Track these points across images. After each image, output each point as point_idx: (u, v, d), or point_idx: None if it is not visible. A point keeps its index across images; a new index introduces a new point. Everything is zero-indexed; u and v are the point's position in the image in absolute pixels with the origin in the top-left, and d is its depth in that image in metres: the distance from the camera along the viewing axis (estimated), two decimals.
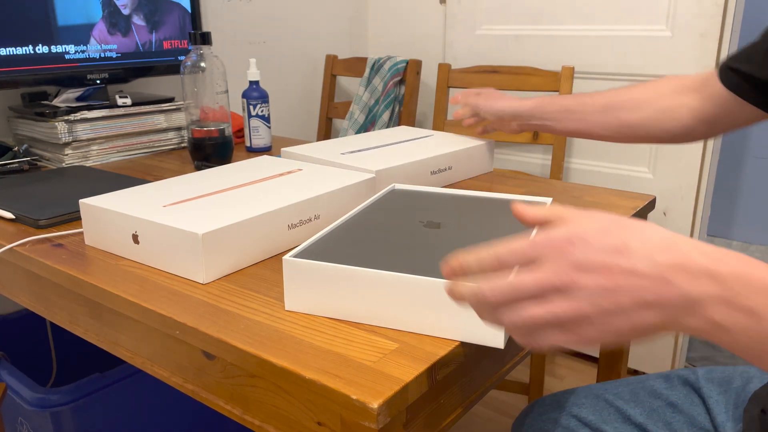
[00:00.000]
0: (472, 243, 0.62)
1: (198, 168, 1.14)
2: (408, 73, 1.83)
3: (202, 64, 1.11)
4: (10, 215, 0.85)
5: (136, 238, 0.70)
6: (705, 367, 0.80)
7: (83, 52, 1.21)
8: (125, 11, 1.26)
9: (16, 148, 1.19)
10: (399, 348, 0.52)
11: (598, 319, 0.38)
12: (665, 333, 0.40)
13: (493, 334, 0.52)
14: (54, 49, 1.17)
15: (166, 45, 1.35)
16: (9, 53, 1.11)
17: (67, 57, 1.19)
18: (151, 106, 1.27)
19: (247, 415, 0.56)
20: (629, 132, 0.90)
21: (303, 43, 1.93)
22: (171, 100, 1.31)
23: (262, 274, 0.68)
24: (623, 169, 1.72)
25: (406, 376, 0.48)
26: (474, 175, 1.10)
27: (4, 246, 0.77)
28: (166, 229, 0.67)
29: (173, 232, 0.66)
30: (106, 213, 0.73)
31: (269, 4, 1.79)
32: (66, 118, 1.14)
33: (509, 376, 1.81)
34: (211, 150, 1.15)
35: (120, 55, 1.28)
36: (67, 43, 1.19)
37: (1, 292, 0.86)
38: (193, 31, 1.10)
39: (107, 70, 1.26)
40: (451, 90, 1.77)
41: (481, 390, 0.62)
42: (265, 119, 1.30)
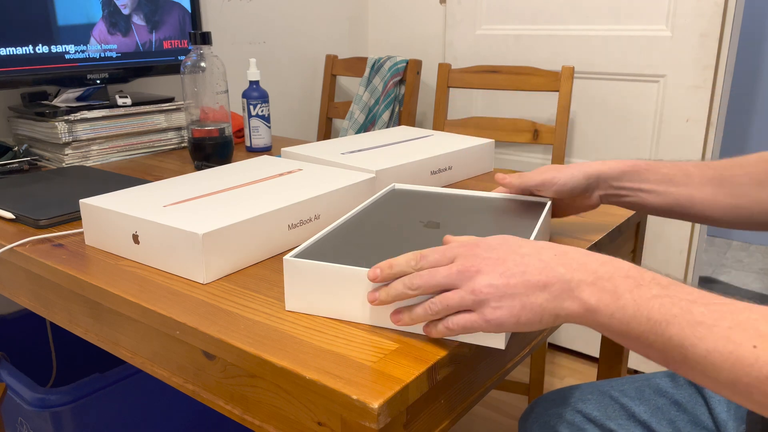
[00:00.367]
0: None
1: (198, 168, 1.14)
2: (408, 73, 1.83)
3: (202, 64, 1.11)
4: (10, 215, 0.85)
5: (136, 238, 0.70)
6: None
7: (83, 52, 1.21)
8: (125, 11, 1.26)
9: (16, 148, 1.19)
10: (399, 348, 0.52)
11: (495, 300, 0.47)
12: (554, 320, 0.47)
13: (494, 335, 0.52)
14: (54, 49, 1.17)
15: (166, 45, 1.35)
16: (9, 53, 1.11)
17: (67, 57, 1.19)
18: (151, 106, 1.27)
19: (247, 415, 0.56)
20: (745, 214, 0.71)
21: (303, 43, 1.93)
22: (171, 100, 1.31)
23: (262, 274, 0.68)
24: None
25: (406, 376, 0.48)
26: (474, 175, 1.10)
27: (4, 246, 0.77)
28: (167, 229, 0.67)
29: (173, 232, 0.66)
30: (106, 213, 0.73)
31: (269, 4, 1.79)
32: (66, 118, 1.14)
33: (509, 376, 1.81)
34: (211, 150, 1.15)
35: (120, 55, 1.28)
36: (67, 43, 1.19)
37: (1, 292, 0.86)
38: (193, 31, 1.10)
39: (107, 70, 1.26)
40: (451, 90, 1.77)
41: (481, 390, 0.62)
42: (265, 119, 1.30)
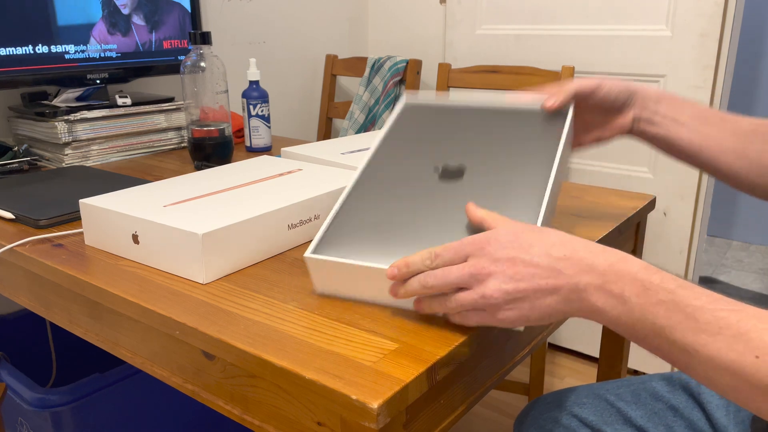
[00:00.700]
0: (493, 199, 0.61)
1: (198, 168, 1.14)
2: (408, 72, 1.83)
3: (202, 64, 1.11)
4: (10, 215, 0.85)
5: (136, 238, 0.70)
6: None
7: (83, 52, 1.21)
8: (125, 11, 1.26)
9: (16, 148, 1.19)
10: (399, 348, 0.52)
11: (506, 304, 0.48)
12: (568, 316, 0.49)
13: None
14: (54, 49, 1.17)
15: (166, 45, 1.35)
16: (9, 53, 1.11)
17: (67, 57, 1.19)
18: (151, 106, 1.27)
19: (247, 415, 0.56)
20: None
21: (303, 43, 1.93)
22: (171, 100, 1.31)
23: (262, 274, 0.68)
24: (623, 169, 1.72)
25: (406, 376, 0.48)
26: None
27: (4, 246, 0.77)
28: (166, 229, 0.67)
29: (173, 232, 0.66)
30: (106, 213, 0.73)
31: (269, 4, 1.79)
32: (66, 118, 1.14)
33: (509, 376, 1.82)
34: (211, 150, 1.15)
35: (120, 54, 1.28)
36: (67, 43, 1.19)
37: (1, 292, 0.86)
38: (193, 31, 1.10)
39: (107, 70, 1.26)
40: (451, 90, 1.77)
41: (481, 390, 0.62)
42: (265, 119, 1.30)
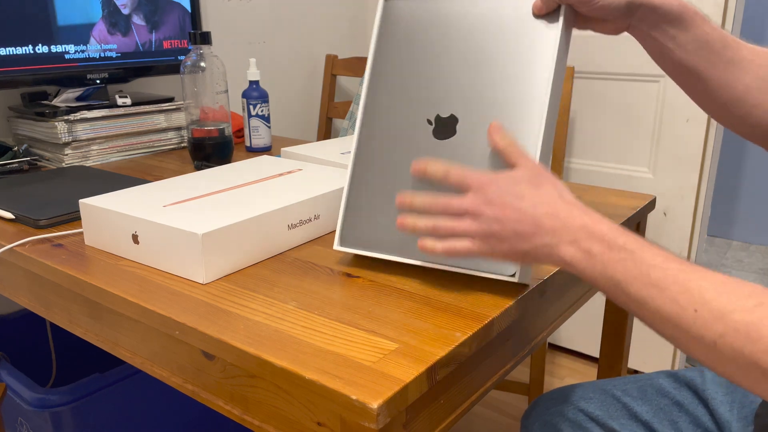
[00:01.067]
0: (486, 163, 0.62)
1: (198, 168, 1.14)
2: None
3: (202, 64, 1.11)
4: (10, 215, 0.85)
5: (136, 238, 0.70)
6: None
7: (83, 51, 1.21)
8: (125, 11, 1.26)
9: (16, 148, 1.19)
10: (399, 348, 0.52)
11: (487, 239, 0.55)
12: (540, 262, 0.56)
13: (505, 267, 0.62)
14: (54, 49, 1.17)
15: (166, 45, 1.35)
16: (9, 53, 1.11)
17: (67, 57, 1.19)
18: (151, 106, 1.27)
19: (247, 415, 0.56)
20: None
21: (303, 43, 1.93)
22: (171, 100, 1.31)
23: (262, 274, 0.68)
24: (623, 169, 1.72)
25: (406, 376, 0.48)
26: None
27: (4, 246, 0.77)
28: (166, 229, 0.67)
29: (173, 232, 0.66)
30: (106, 213, 0.73)
31: (269, 4, 1.79)
32: (66, 118, 1.14)
33: (509, 376, 1.81)
34: (211, 150, 1.15)
35: (120, 54, 1.28)
36: (67, 43, 1.19)
37: (1, 292, 0.86)
38: (193, 31, 1.10)
39: (107, 70, 1.26)
40: None
41: (481, 390, 0.62)
42: (265, 119, 1.30)
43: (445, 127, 0.65)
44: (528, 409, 0.87)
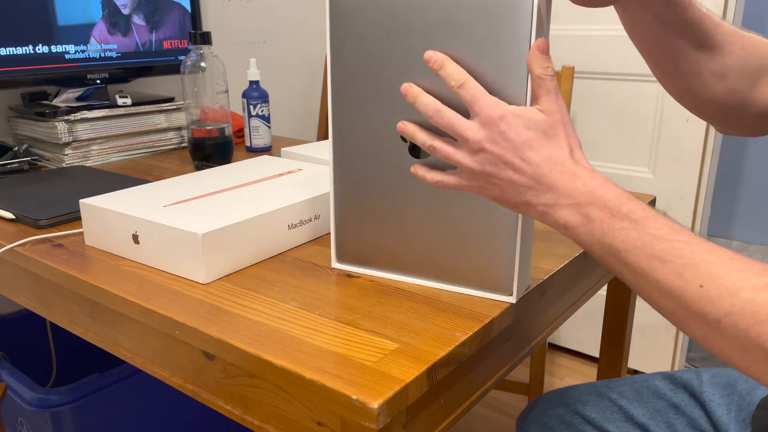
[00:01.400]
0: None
1: (198, 168, 1.14)
2: None
3: (202, 64, 1.11)
4: (10, 215, 0.85)
5: (136, 238, 0.70)
6: (710, 370, 0.80)
7: (83, 51, 1.21)
8: (125, 11, 1.26)
9: (16, 148, 1.19)
10: (399, 348, 0.52)
11: (480, 178, 0.53)
12: (528, 216, 0.54)
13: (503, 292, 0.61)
14: (54, 49, 1.17)
15: (166, 45, 1.35)
16: (9, 53, 1.11)
17: (67, 57, 1.19)
18: (151, 106, 1.27)
19: (247, 415, 0.56)
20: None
21: (303, 43, 1.93)
22: (171, 100, 1.31)
23: (262, 274, 0.68)
24: (623, 169, 1.72)
25: (406, 376, 0.48)
26: None
27: (4, 246, 0.77)
28: (166, 229, 0.67)
29: (173, 232, 0.66)
30: (106, 213, 0.73)
31: (269, 4, 1.79)
32: (66, 118, 1.14)
33: (509, 376, 1.81)
34: (211, 150, 1.15)
35: (120, 54, 1.28)
36: (67, 43, 1.19)
37: (1, 292, 0.86)
38: (193, 31, 1.10)
39: (107, 70, 1.26)
40: None
41: (481, 390, 0.62)
42: (265, 119, 1.30)
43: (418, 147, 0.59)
44: (524, 411, 0.86)
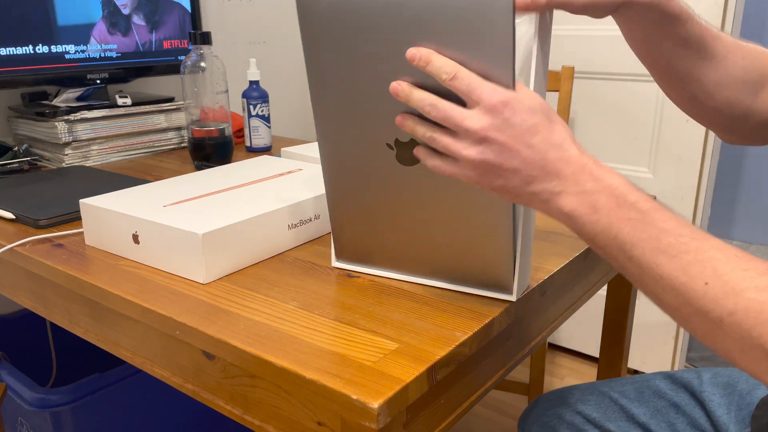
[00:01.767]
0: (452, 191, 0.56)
1: (198, 168, 1.14)
2: None
3: (202, 64, 1.11)
4: (10, 215, 0.85)
5: (136, 238, 0.70)
6: (710, 370, 0.80)
7: (83, 52, 1.21)
8: (125, 11, 1.26)
9: (16, 148, 1.18)
10: (399, 348, 0.52)
11: (483, 168, 0.48)
12: (529, 206, 0.50)
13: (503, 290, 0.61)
14: (54, 49, 1.17)
15: (166, 45, 1.35)
16: (9, 53, 1.11)
17: (67, 57, 1.19)
18: (151, 106, 1.27)
19: (247, 415, 0.56)
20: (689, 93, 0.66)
21: None
22: (171, 100, 1.31)
23: (262, 274, 0.68)
24: (623, 169, 1.72)
25: (406, 376, 0.48)
26: None
27: (4, 246, 0.77)
28: (166, 229, 0.67)
29: (173, 232, 0.66)
30: (106, 213, 0.73)
31: (269, 4, 1.79)
32: (66, 118, 1.14)
33: (509, 376, 1.81)
34: (211, 150, 1.15)
35: (120, 54, 1.28)
36: (67, 43, 1.19)
37: (1, 292, 0.86)
38: (193, 31, 1.10)
39: (107, 70, 1.26)
40: None
41: (481, 390, 0.62)
42: (265, 119, 1.30)
43: (408, 153, 0.55)
44: (525, 411, 0.87)
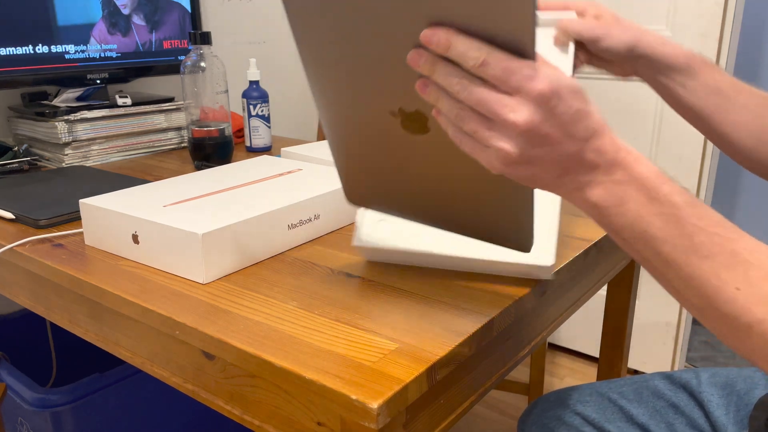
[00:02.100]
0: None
1: (198, 168, 1.14)
2: None
3: (202, 64, 1.11)
4: (10, 215, 0.85)
5: (136, 238, 0.70)
6: (709, 370, 0.80)
7: (83, 51, 1.21)
8: (125, 11, 1.26)
9: (16, 148, 1.19)
10: (399, 348, 0.52)
11: (512, 163, 0.43)
12: (554, 194, 0.46)
13: (541, 268, 0.62)
14: (54, 49, 1.17)
15: (166, 45, 1.35)
16: (9, 53, 1.11)
17: (67, 57, 1.19)
18: (151, 106, 1.27)
19: (247, 415, 0.56)
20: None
21: None
22: (171, 100, 1.31)
23: (262, 274, 0.68)
24: None
25: (406, 376, 0.48)
26: None
27: (4, 246, 0.77)
28: (166, 229, 0.67)
29: (173, 232, 0.66)
30: (106, 213, 0.73)
31: (269, 4, 1.79)
32: (66, 118, 1.14)
33: (509, 376, 1.81)
34: (211, 150, 1.15)
35: (120, 54, 1.28)
36: (67, 43, 1.19)
37: (1, 292, 0.86)
38: (193, 31, 1.10)
39: (107, 70, 1.26)
40: None
41: (481, 390, 0.62)
42: (265, 119, 1.30)
43: (414, 123, 0.50)
44: (525, 412, 0.87)
